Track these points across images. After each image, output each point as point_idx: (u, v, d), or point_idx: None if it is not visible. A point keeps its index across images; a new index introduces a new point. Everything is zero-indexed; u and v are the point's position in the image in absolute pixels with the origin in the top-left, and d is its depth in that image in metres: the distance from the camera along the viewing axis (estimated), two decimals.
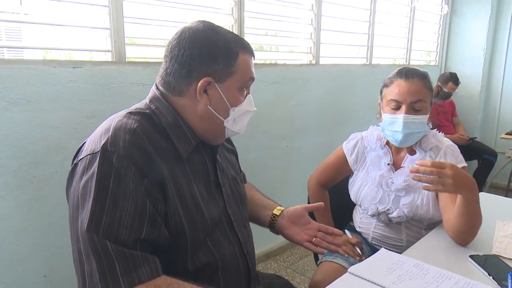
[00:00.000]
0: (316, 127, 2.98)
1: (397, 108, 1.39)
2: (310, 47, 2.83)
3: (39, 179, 1.64)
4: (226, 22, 2.28)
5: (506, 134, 3.84)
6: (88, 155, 0.85)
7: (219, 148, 1.07)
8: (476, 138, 3.93)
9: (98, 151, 0.84)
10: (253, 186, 1.37)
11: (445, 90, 3.85)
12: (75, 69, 1.68)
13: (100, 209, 0.80)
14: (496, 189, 4.07)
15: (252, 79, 1.00)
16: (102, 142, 0.84)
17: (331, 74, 3.02)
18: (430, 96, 1.42)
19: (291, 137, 2.77)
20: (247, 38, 2.36)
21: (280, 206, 1.27)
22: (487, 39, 4.28)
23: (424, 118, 1.37)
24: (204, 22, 0.97)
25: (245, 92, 1.00)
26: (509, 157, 3.97)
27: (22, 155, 1.59)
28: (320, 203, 1.23)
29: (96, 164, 0.82)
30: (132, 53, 1.89)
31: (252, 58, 1.00)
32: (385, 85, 1.45)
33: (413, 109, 1.37)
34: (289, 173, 2.81)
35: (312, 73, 2.85)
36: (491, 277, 1.07)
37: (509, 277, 0.75)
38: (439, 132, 1.50)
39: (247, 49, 0.98)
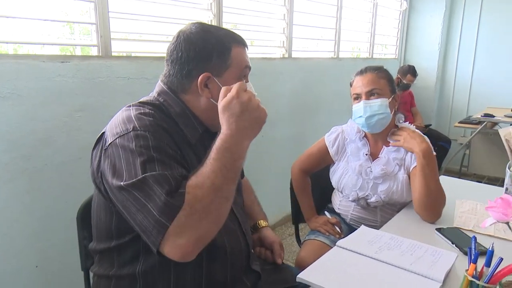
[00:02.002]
0: (289, 117, 3.12)
1: (358, 99, 1.58)
2: (283, 41, 2.96)
3: (30, 172, 1.67)
4: (205, 17, 2.35)
5: (459, 122, 4.17)
6: (117, 138, 0.92)
7: None
8: (431, 125, 4.23)
9: (128, 132, 0.91)
10: (249, 185, 1.49)
11: (404, 81, 4.11)
12: (63, 64, 1.71)
13: (150, 171, 0.87)
14: (450, 173, 4.41)
15: (248, 67, 1.10)
16: (131, 126, 0.92)
17: (302, 67, 3.17)
18: (387, 84, 1.59)
19: (266, 127, 2.87)
20: None
21: (265, 218, 1.43)
22: (442, 34, 4.60)
23: (384, 101, 1.55)
24: (196, 24, 1.07)
25: (244, 81, 1.09)
26: (461, 143, 4.32)
27: (13, 148, 1.61)
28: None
29: (132, 143, 0.89)
30: (117, 48, 1.93)
31: (246, 48, 1.10)
32: (350, 85, 1.64)
33: (370, 97, 1.56)
34: (264, 161, 2.94)
35: (285, 67, 2.99)
36: (454, 245, 1.26)
37: (472, 240, 0.92)
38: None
39: (239, 42, 1.08)
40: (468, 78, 4.67)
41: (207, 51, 1.02)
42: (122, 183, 0.87)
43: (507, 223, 0.86)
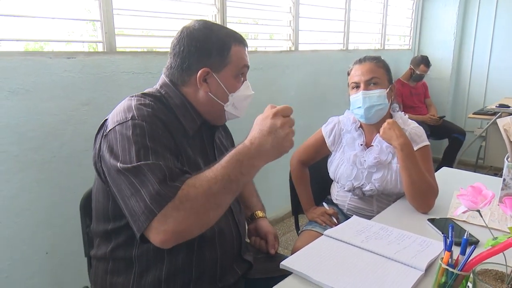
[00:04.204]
0: (296, 110, 3.10)
1: (357, 88, 1.59)
2: (290, 34, 2.97)
3: (39, 163, 1.75)
4: (209, 12, 2.39)
5: (474, 113, 4.09)
6: (116, 125, 0.98)
7: (216, 132, 1.22)
8: (444, 116, 4.17)
9: (127, 121, 0.97)
10: None
11: (417, 72, 4.05)
12: (69, 60, 1.79)
13: (145, 160, 0.92)
14: (466, 166, 4.34)
15: (246, 66, 1.15)
16: (130, 115, 0.98)
17: (309, 60, 3.17)
18: (386, 73, 1.60)
19: None
20: (229, 26, 2.48)
21: (263, 209, 1.47)
22: (457, 24, 4.50)
23: (382, 92, 1.56)
24: (200, 21, 1.13)
25: (241, 79, 1.15)
26: (476, 135, 4.24)
27: (22, 141, 1.70)
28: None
29: (130, 131, 0.95)
30: (122, 43, 1.99)
31: (245, 48, 1.15)
32: (348, 74, 1.65)
33: (369, 86, 1.57)
34: None
35: (292, 60, 3.00)
36: (444, 236, 1.27)
37: (450, 228, 0.93)
38: (411, 113, 1.70)
39: (240, 41, 1.13)
40: (485, 68, 4.56)
41: (208, 47, 1.07)
42: (118, 164, 0.92)
43: (478, 211, 0.87)
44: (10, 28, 1.69)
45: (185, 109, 1.09)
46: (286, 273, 1.08)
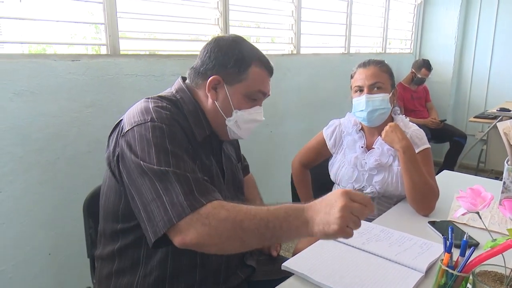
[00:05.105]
0: (298, 113, 3.15)
1: (360, 91, 1.60)
2: (291, 38, 2.99)
3: (43, 165, 1.77)
4: (212, 15, 2.41)
5: (475, 117, 4.10)
6: (134, 126, 0.98)
7: (224, 141, 1.24)
8: (445, 120, 4.18)
9: (145, 122, 0.97)
10: (253, 181, 1.54)
11: (419, 76, 4.07)
12: (73, 62, 1.80)
13: (165, 164, 0.92)
14: (467, 169, 4.34)
15: (261, 92, 1.13)
16: (149, 117, 0.98)
17: (311, 63, 3.19)
18: (389, 78, 1.61)
19: (275, 123, 2.95)
20: (232, 30, 2.51)
21: None
22: (458, 28, 4.52)
23: (385, 96, 1.57)
24: (234, 35, 1.16)
25: (254, 102, 1.14)
26: (477, 139, 4.25)
27: (27, 142, 1.71)
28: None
29: (149, 132, 0.95)
30: (125, 46, 2.01)
31: (269, 76, 1.14)
32: (351, 77, 1.67)
33: (372, 90, 1.58)
34: (273, 156, 2.99)
35: (294, 63, 3.02)
36: (444, 237, 1.28)
37: (450, 230, 0.94)
38: (412, 116, 1.71)
39: (264, 65, 1.12)
40: (486, 72, 4.57)
41: (227, 58, 1.08)
42: (142, 163, 0.92)
43: (477, 213, 0.89)
44: (14, 30, 1.71)
45: (197, 116, 1.10)
46: (287, 275, 1.10)
